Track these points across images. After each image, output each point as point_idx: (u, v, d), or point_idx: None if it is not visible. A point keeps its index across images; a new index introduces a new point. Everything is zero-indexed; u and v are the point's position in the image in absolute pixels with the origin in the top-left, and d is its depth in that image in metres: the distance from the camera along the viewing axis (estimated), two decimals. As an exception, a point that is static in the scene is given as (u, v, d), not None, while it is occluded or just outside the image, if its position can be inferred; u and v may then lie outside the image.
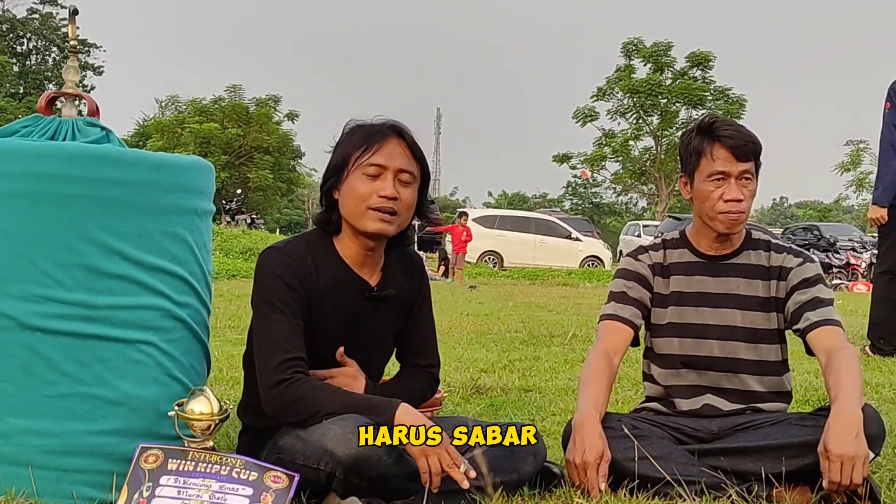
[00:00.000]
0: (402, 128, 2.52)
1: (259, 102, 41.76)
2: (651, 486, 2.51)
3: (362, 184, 2.46)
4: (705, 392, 2.80)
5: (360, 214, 2.47)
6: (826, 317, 2.70)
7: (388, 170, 2.46)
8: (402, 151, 2.49)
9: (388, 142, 2.48)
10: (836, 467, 2.36)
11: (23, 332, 2.34)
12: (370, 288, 2.57)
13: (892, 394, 4.66)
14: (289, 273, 2.45)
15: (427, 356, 2.74)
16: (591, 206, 62.89)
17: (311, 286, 2.48)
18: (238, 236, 22.89)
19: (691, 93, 37.74)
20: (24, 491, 2.33)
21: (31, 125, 2.56)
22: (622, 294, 2.87)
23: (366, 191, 2.45)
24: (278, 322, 2.42)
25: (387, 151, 2.47)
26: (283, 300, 2.43)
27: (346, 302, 2.54)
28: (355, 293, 2.55)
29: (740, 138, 2.70)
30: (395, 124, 2.52)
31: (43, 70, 50.30)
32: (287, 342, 2.40)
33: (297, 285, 2.45)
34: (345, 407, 2.33)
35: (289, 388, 2.36)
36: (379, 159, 2.46)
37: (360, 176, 2.47)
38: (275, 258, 2.48)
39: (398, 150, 2.48)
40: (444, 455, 2.29)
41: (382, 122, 2.53)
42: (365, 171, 2.46)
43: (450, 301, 11.99)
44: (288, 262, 2.47)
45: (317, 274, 2.50)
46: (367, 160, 2.46)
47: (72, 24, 2.77)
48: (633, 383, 4.71)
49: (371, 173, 2.46)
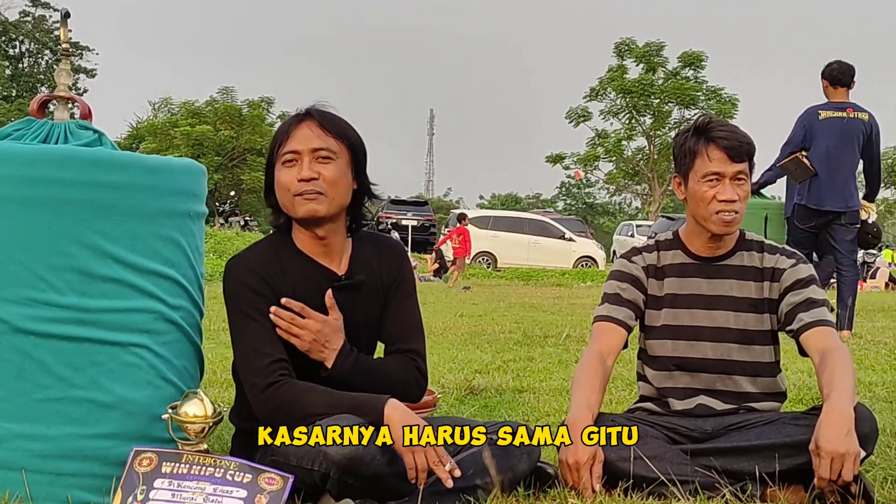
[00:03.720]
0: (314, 108, 2.55)
1: (252, 104, 41.69)
2: (645, 485, 2.52)
3: (283, 174, 2.50)
4: (699, 393, 2.81)
5: (290, 204, 2.50)
6: (819, 317, 2.70)
7: (302, 153, 2.48)
8: (315, 132, 2.50)
9: (298, 127, 2.51)
10: (826, 464, 2.37)
11: (16, 336, 2.33)
12: (337, 277, 2.57)
13: (885, 392, 4.67)
14: (254, 278, 2.48)
15: (408, 341, 2.66)
16: (585, 206, 62.94)
17: (280, 285, 2.50)
18: (231, 238, 22.84)
19: (684, 93, 37.78)
20: (18, 495, 2.33)
21: (24, 128, 2.56)
22: (616, 295, 2.87)
23: (287, 179, 2.49)
24: (253, 330, 2.45)
25: (298, 136, 2.50)
26: (253, 307, 2.46)
27: (316, 294, 2.53)
28: (324, 284, 2.55)
29: (735, 139, 2.71)
30: (309, 108, 2.55)
31: (35, 73, 50.19)
32: (266, 346, 2.43)
33: (264, 289, 2.47)
34: (333, 407, 2.34)
35: (276, 392, 2.38)
36: (291, 145, 2.49)
37: (280, 168, 2.51)
38: (239, 266, 2.52)
39: (309, 132, 2.50)
40: (431, 452, 2.30)
41: (300, 110, 2.56)
42: (283, 161, 2.50)
43: (444, 302, 11.99)
44: (252, 267, 2.50)
45: (283, 272, 2.52)
46: (283, 150, 2.50)
47: (64, 27, 2.77)
48: (627, 384, 4.72)
49: (288, 162, 2.49)
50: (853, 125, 6.93)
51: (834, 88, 7.01)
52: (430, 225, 30.59)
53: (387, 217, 29.13)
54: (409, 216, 29.84)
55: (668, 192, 37.50)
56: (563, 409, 3.93)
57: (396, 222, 28.87)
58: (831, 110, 6.94)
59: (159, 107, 45.23)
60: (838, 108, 6.94)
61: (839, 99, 7.01)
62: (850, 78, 7.01)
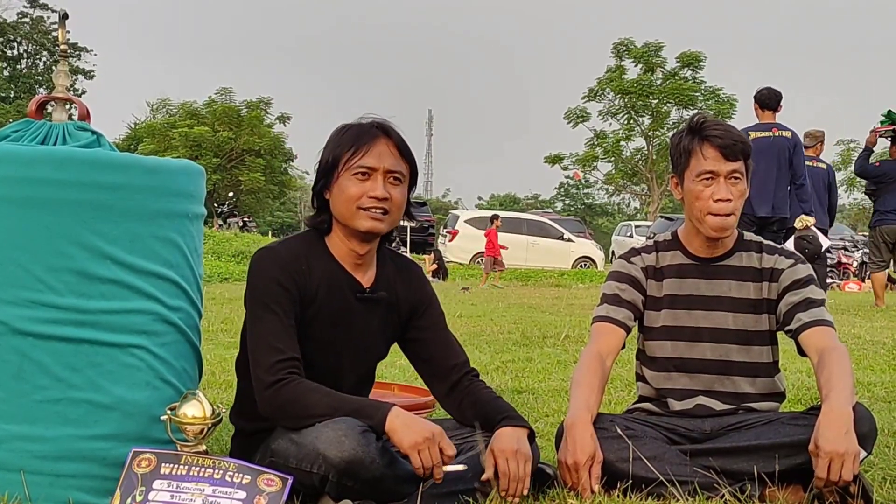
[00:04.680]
0: (390, 127, 2.53)
1: (250, 105, 41.66)
2: (644, 486, 2.52)
3: (353, 185, 2.47)
4: (698, 394, 2.81)
5: (351, 215, 2.48)
6: (818, 317, 2.70)
7: (377, 171, 2.47)
8: (391, 151, 2.50)
9: (376, 142, 2.49)
10: (825, 464, 2.37)
11: (14, 337, 2.33)
12: (362, 289, 2.58)
13: (883, 392, 4.67)
14: (281, 273, 2.46)
15: (459, 355, 2.69)
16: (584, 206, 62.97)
17: (304, 285, 2.49)
18: (230, 239, 22.84)
19: (682, 93, 37.77)
20: (17, 496, 2.32)
21: (22, 129, 2.56)
22: (615, 296, 2.87)
23: (356, 192, 2.47)
24: (270, 322, 2.42)
25: (376, 152, 2.48)
26: (275, 300, 2.44)
27: (338, 301, 2.54)
28: (347, 293, 2.56)
29: (729, 138, 2.71)
30: (383, 123, 2.53)
31: (33, 74, 50.12)
32: (280, 342, 2.41)
33: (289, 285, 2.46)
34: (336, 410, 2.33)
35: (282, 389, 2.37)
36: (368, 161, 2.47)
37: (349, 177, 2.48)
38: (267, 258, 2.49)
39: (387, 150, 2.49)
40: (435, 450, 2.30)
41: (371, 121, 2.54)
42: (355, 172, 2.47)
43: (443, 303, 11.94)
44: (280, 262, 2.48)
45: (310, 273, 2.51)
46: (357, 162, 2.47)
47: (62, 28, 2.77)
48: (626, 384, 4.72)
49: (361, 175, 2.47)
50: (779, 142, 7.93)
51: (762, 111, 8.09)
52: (428, 225, 30.56)
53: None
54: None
55: (666, 193, 37.50)
56: (562, 409, 3.93)
57: (395, 223, 28.79)
58: (759, 131, 7.95)
59: (157, 108, 45.20)
60: (765, 129, 7.98)
61: (766, 120, 8.06)
62: (777, 102, 8.07)
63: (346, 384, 2.57)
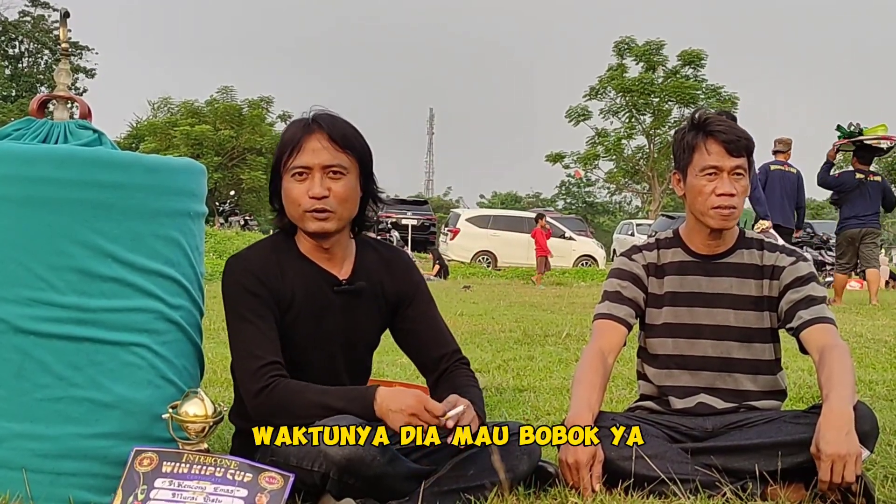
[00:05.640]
0: (325, 118, 2.50)
1: (251, 104, 41.68)
2: (646, 484, 2.52)
3: (293, 187, 2.47)
4: (699, 392, 2.80)
5: (299, 217, 2.49)
6: (819, 315, 2.70)
7: (313, 169, 2.46)
8: (324, 145, 2.46)
9: (308, 139, 2.46)
10: (827, 467, 2.36)
11: (16, 336, 2.33)
12: (338, 281, 2.57)
13: (885, 391, 4.67)
14: (251, 279, 2.47)
15: (448, 344, 2.67)
16: (585, 205, 62.90)
17: (277, 288, 2.50)
18: (231, 238, 22.83)
19: (683, 91, 37.76)
20: (18, 495, 2.33)
21: (23, 128, 2.56)
22: (616, 293, 2.87)
23: (297, 194, 2.47)
24: (247, 331, 2.44)
25: (309, 149, 2.46)
26: (248, 308, 2.45)
27: (316, 297, 2.54)
28: (325, 288, 2.56)
29: (733, 133, 2.71)
30: (318, 115, 2.50)
31: (35, 73, 50.15)
32: (259, 348, 2.42)
33: (260, 290, 2.47)
34: (326, 407, 2.33)
35: (269, 396, 2.38)
36: (302, 160, 2.46)
37: (289, 180, 2.48)
38: (236, 267, 2.51)
39: (319, 145, 2.46)
40: (426, 416, 2.29)
41: (307, 115, 2.51)
42: (293, 174, 2.47)
43: (444, 301, 11.98)
44: (249, 268, 2.49)
45: (283, 273, 2.52)
46: (293, 163, 2.46)
47: (63, 27, 2.77)
48: (628, 382, 4.72)
49: (298, 175, 2.46)
50: None
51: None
52: (429, 224, 30.55)
53: (386, 217, 29.10)
54: (408, 215, 29.79)
55: (668, 191, 37.51)
56: (564, 407, 3.93)
57: (396, 222, 28.83)
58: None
59: (159, 106, 45.19)
60: None
61: None
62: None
63: (342, 378, 2.57)
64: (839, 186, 10.66)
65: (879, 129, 10.33)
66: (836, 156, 10.67)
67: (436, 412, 2.30)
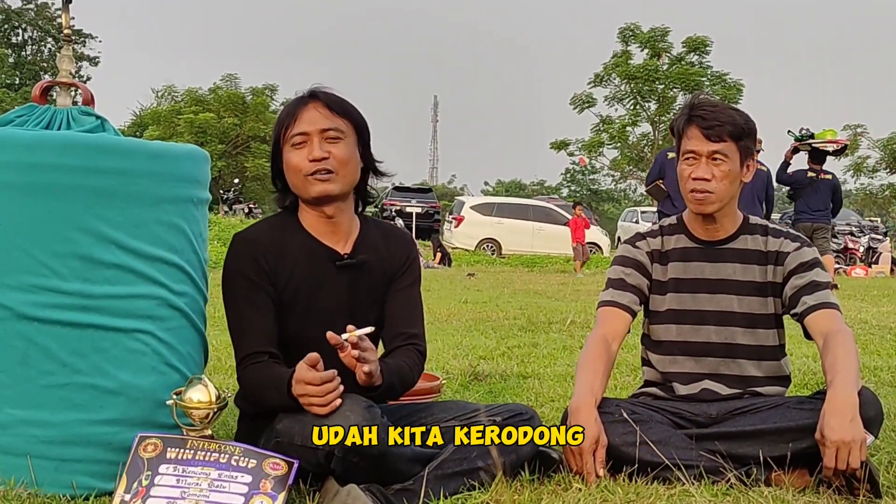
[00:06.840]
0: (318, 90, 2.58)
1: (255, 92, 41.58)
2: (650, 470, 2.52)
3: (294, 155, 2.53)
4: (703, 378, 2.80)
5: (301, 185, 2.53)
6: (823, 300, 2.69)
7: (311, 134, 2.52)
8: (321, 112, 2.54)
9: (305, 108, 2.54)
10: (832, 454, 2.36)
11: (20, 323, 2.34)
12: (340, 256, 2.59)
13: (890, 377, 4.66)
14: (249, 259, 2.52)
15: (410, 325, 2.65)
16: (589, 192, 62.81)
17: (279, 265, 2.53)
18: (235, 225, 22.84)
19: (688, 78, 37.60)
20: (23, 481, 2.33)
21: (26, 115, 2.56)
22: (620, 280, 2.86)
23: (297, 160, 2.52)
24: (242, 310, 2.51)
25: (307, 118, 2.53)
26: (245, 287, 2.51)
27: (317, 273, 2.56)
28: (326, 263, 2.58)
29: (714, 119, 2.70)
30: (312, 89, 2.59)
31: (38, 61, 50.11)
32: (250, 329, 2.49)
33: (258, 271, 2.51)
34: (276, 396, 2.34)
35: (244, 376, 2.50)
36: (300, 127, 2.52)
37: (290, 150, 2.54)
38: (239, 247, 2.56)
39: (316, 113, 2.54)
40: (309, 380, 2.25)
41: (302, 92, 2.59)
42: (293, 143, 2.53)
43: (448, 289, 11.99)
44: (250, 247, 2.54)
45: (284, 251, 2.55)
46: (291, 132, 2.53)
47: (65, 13, 2.77)
48: (632, 369, 4.72)
49: (298, 143, 2.52)
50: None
51: None
52: (434, 212, 30.54)
53: (391, 204, 29.10)
54: (413, 203, 29.77)
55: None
56: (568, 394, 3.92)
57: (401, 209, 28.83)
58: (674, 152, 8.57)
59: (163, 94, 45.07)
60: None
61: None
62: None
63: None
64: (793, 183, 11.80)
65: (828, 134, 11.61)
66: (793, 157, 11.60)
67: (315, 381, 2.24)
